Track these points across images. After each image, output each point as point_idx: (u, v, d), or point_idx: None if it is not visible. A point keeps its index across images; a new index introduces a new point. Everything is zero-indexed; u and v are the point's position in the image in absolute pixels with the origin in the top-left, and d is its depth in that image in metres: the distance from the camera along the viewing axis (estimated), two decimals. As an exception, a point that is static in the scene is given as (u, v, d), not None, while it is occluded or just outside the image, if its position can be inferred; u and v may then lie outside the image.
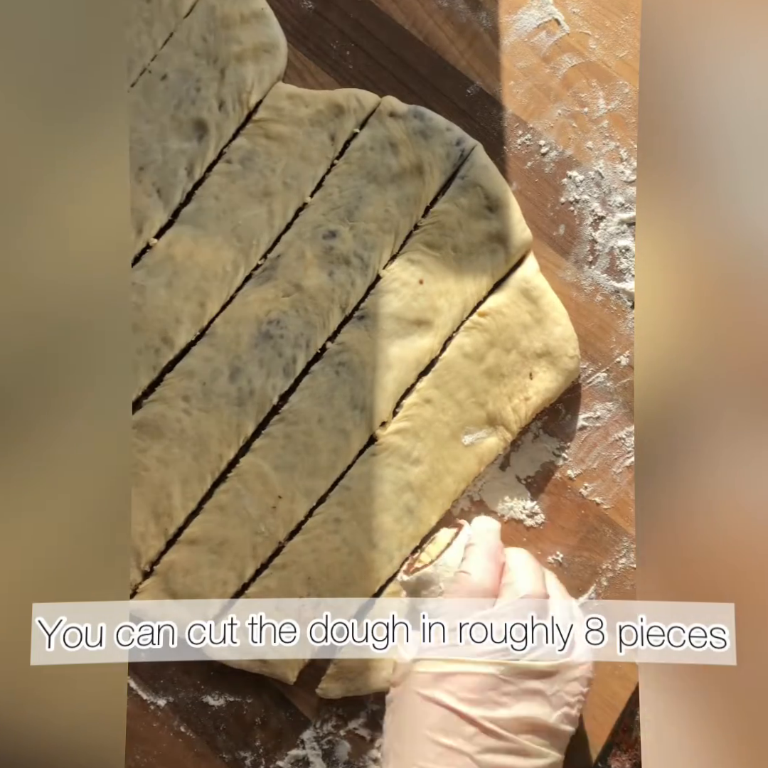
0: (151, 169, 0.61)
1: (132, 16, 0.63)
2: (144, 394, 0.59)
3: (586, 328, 0.61)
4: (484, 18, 0.64)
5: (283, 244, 0.61)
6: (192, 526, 0.58)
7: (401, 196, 0.61)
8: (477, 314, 0.59)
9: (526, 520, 0.59)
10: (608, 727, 0.57)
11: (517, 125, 0.63)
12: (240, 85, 0.62)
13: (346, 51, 0.64)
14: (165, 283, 0.60)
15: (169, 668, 0.59)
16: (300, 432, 0.58)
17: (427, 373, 0.59)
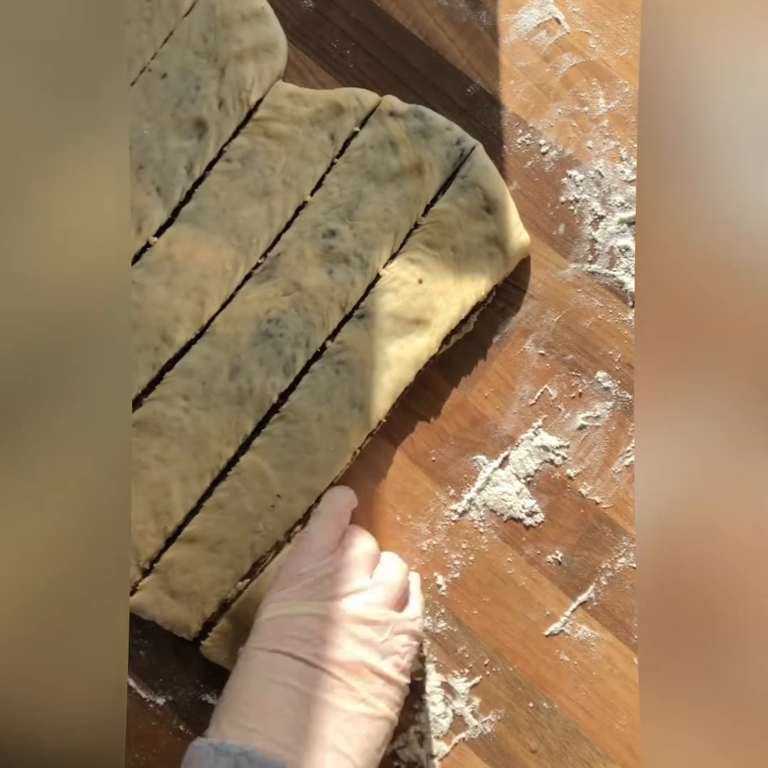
0: (150, 167, 0.61)
1: (132, 14, 0.63)
2: (143, 392, 0.59)
3: (585, 327, 0.61)
4: (484, 17, 0.64)
5: (282, 243, 0.61)
6: (191, 525, 0.58)
7: (401, 195, 0.61)
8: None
9: (525, 519, 0.59)
10: (608, 727, 0.57)
11: (517, 124, 0.63)
12: (240, 84, 0.62)
13: (347, 50, 0.64)
14: (165, 282, 0.60)
15: (168, 667, 0.59)
16: (299, 431, 0.58)
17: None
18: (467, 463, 0.60)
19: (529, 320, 0.61)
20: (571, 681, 0.58)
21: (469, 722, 0.58)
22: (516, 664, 0.58)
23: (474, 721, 0.58)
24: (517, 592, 0.59)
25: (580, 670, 0.58)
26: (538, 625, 0.58)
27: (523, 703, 0.58)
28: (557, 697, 0.58)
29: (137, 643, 0.59)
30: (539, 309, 0.61)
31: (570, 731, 0.57)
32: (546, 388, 0.60)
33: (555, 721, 0.57)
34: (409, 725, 0.58)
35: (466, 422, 0.60)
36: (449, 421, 0.61)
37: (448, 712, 0.58)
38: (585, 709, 0.57)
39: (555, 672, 0.58)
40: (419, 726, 0.57)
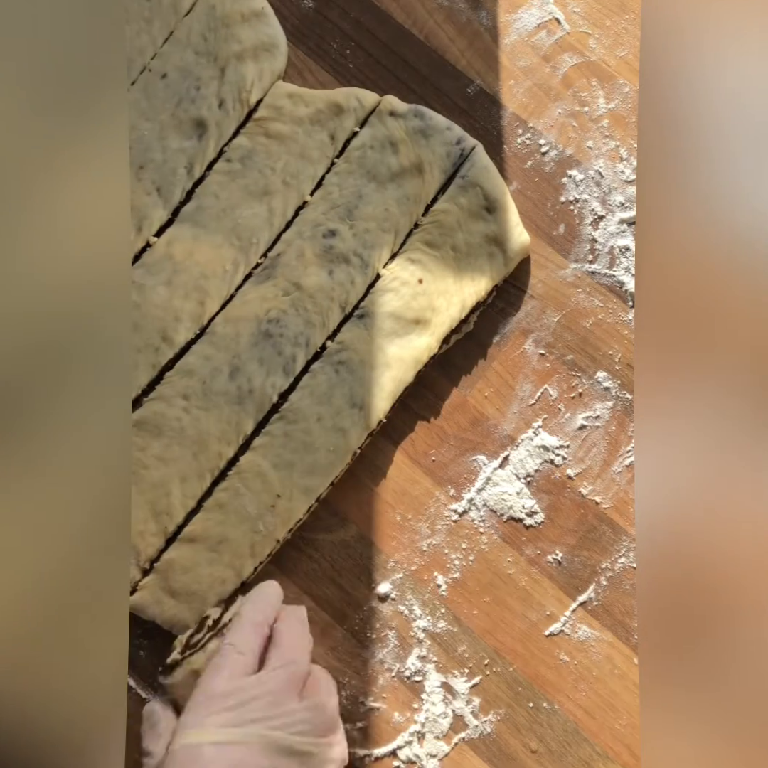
0: (150, 167, 0.61)
1: (132, 14, 0.63)
2: (144, 392, 0.59)
3: (586, 327, 0.61)
4: (484, 17, 0.64)
5: (282, 243, 0.61)
6: (191, 525, 0.58)
7: (401, 195, 0.61)
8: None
9: (525, 519, 0.59)
10: (608, 727, 0.57)
11: (517, 124, 0.63)
12: (240, 84, 0.62)
13: (347, 50, 0.64)
14: (165, 282, 0.60)
15: (168, 667, 0.59)
16: (299, 430, 0.58)
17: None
18: (467, 463, 0.60)
19: (529, 320, 0.61)
20: (571, 681, 0.58)
21: (469, 722, 0.57)
22: (516, 664, 0.58)
23: (474, 721, 0.58)
24: (517, 592, 0.59)
25: (580, 670, 0.58)
26: (538, 625, 0.58)
27: (523, 703, 0.58)
28: (557, 697, 0.58)
29: (137, 643, 0.59)
30: (539, 309, 0.61)
31: (570, 731, 0.57)
32: (546, 388, 0.60)
33: (555, 721, 0.57)
34: (409, 725, 0.58)
35: (466, 422, 0.60)
36: (449, 421, 0.61)
37: (448, 712, 0.58)
38: (585, 709, 0.57)
39: (555, 672, 0.58)
40: (419, 726, 0.57)
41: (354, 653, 0.58)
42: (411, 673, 0.58)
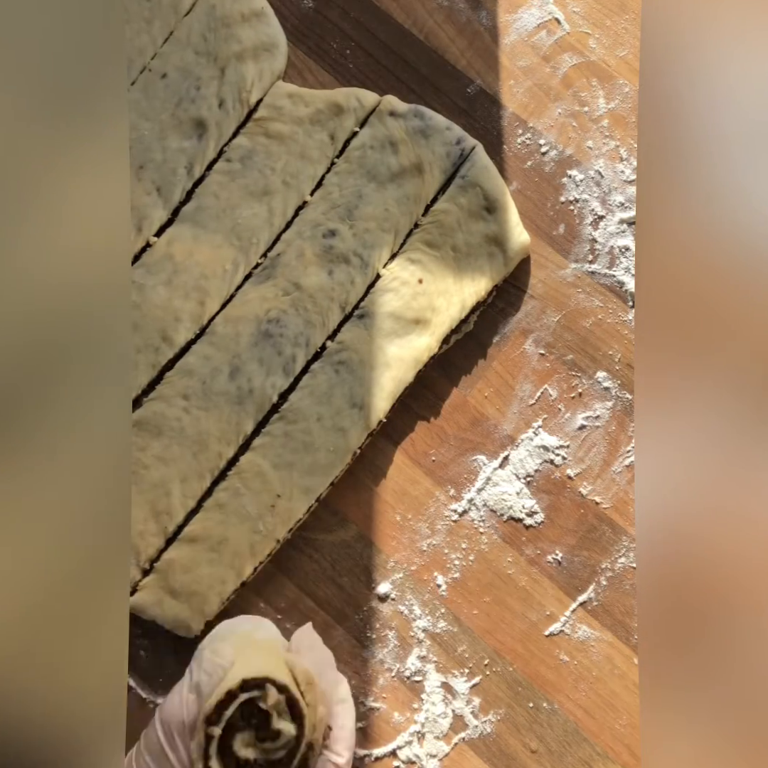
0: (150, 167, 0.61)
1: (132, 14, 0.63)
2: (144, 392, 0.59)
3: (586, 327, 0.61)
4: (484, 17, 0.64)
5: (282, 243, 0.61)
6: (191, 525, 0.58)
7: (401, 195, 0.61)
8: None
9: (525, 519, 0.59)
10: (608, 727, 0.57)
11: (517, 124, 0.63)
12: (240, 84, 0.62)
13: (346, 50, 0.64)
14: (164, 282, 0.60)
15: (168, 667, 0.59)
16: (299, 430, 0.58)
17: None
18: (467, 463, 0.60)
19: (529, 320, 0.61)
20: (571, 681, 0.58)
21: (469, 722, 0.57)
22: (516, 664, 0.58)
23: (474, 721, 0.57)
24: (517, 592, 0.59)
25: (580, 670, 0.58)
26: (538, 625, 0.58)
27: (523, 703, 0.58)
28: (557, 697, 0.58)
29: (137, 643, 0.59)
30: (539, 309, 0.61)
31: (570, 731, 0.57)
32: (546, 388, 0.60)
33: (555, 721, 0.57)
34: (409, 725, 0.58)
35: (466, 422, 0.60)
36: (449, 421, 0.61)
37: (448, 712, 0.58)
38: (585, 709, 0.57)
39: (555, 672, 0.58)
40: (419, 726, 0.57)
41: (354, 653, 0.58)
42: (411, 673, 0.58)
